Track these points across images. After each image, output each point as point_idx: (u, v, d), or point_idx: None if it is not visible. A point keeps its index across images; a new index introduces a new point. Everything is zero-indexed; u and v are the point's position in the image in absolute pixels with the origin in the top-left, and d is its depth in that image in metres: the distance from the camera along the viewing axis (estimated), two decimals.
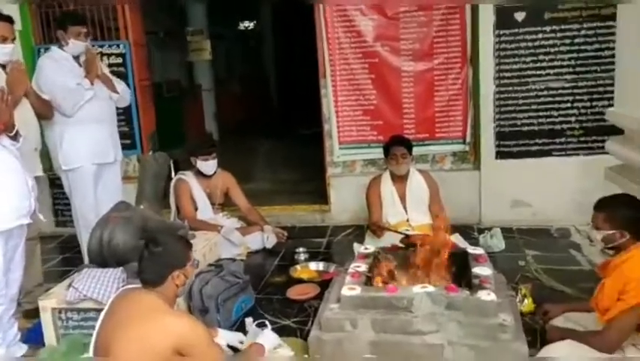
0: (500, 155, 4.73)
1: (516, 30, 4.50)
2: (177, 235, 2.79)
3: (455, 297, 2.82)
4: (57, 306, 2.99)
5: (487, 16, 4.53)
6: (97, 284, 2.91)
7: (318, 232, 4.97)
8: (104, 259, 3.06)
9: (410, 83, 4.84)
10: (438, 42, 4.76)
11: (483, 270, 3.08)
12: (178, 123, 8.96)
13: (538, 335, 3.01)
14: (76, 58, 3.78)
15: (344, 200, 5.06)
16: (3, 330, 2.88)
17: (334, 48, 4.84)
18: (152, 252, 2.35)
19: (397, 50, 4.79)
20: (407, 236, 3.65)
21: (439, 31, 4.73)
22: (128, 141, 5.22)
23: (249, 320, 3.22)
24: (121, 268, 3.01)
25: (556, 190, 4.66)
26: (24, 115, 3.25)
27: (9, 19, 3.20)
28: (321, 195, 5.30)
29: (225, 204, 4.83)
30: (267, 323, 2.85)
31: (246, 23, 13.39)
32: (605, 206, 2.50)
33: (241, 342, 2.86)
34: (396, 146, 4.11)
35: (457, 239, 4.17)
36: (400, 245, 3.51)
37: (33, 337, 3.13)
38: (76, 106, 3.66)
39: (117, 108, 4.92)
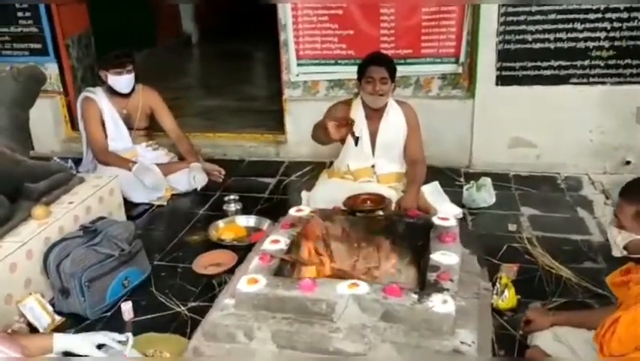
0: (502, 80, 3.65)
1: None
2: None
3: (395, 304, 1.92)
4: None
5: None
6: None
7: (269, 170, 4.02)
8: None
9: None
10: None
11: (446, 256, 2.17)
12: (144, 23, 7.82)
13: (516, 348, 2.17)
14: None
15: (303, 129, 4.01)
16: None
17: None
18: None
19: None
20: (356, 196, 2.67)
21: None
22: (37, 46, 4.23)
23: (126, 307, 2.40)
24: None
25: (570, 128, 3.65)
26: None
27: None
28: (278, 122, 4.31)
29: (153, 128, 3.88)
30: (129, 340, 1.97)
31: None
32: (638, 193, 1.51)
33: (100, 346, 2.00)
34: (375, 66, 3.00)
35: (433, 191, 3.25)
36: (343, 208, 2.56)
37: None
38: None
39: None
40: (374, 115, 3.14)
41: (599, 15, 3.42)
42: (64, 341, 1.93)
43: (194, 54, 9.06)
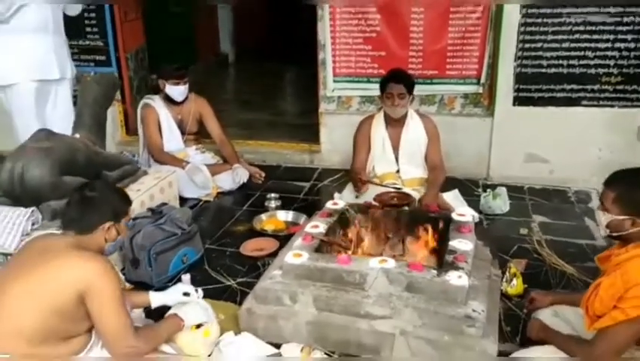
0: (518, 100, 4.02)
1: None
2: (117, 187, 2.31)
3: (418, 277, 2.30)
4: None
5: None
6: (1, 225, 2.49)
7: (303, 175, 4.44)
8: (16, 195, 2.63)
9: (421, 8, 4.09)
10: None
11: (462, 243, 2.54)
12: (187, 41, 8.36)
13: (520, 325, 2.51)
14: None
15: (336, 140, 4.48)
16: None
17: None
18: (85, 196, 2.00)
19: None
20: (385, 193, 3.06)
21: None
22: (102, 58, 4.74)
23: (186, 278, 2.80)
24: (33, 208, 2.58)
25: (580, 146, 3.98)
26: None
27: None
28: (314, 133, 4.73)
29: (203, 134, 4.33)
30: (199, 291, 2.37)
31: None
32: (617, 182, 1.89)
33: (186, 294, 2.33)
34: (394, 83, 3.42)
35: (453, 197, 3.60)
36: (375, 203, 2.95)
37: None
38: (8, 11, 3.14)
39: (85, 20, 4.45)
40: (395, 125, 3.54)
41: (609, 45, 3.78)
42: (159, 297, 2.31)
43: (230, 73, 9.59)
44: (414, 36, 4.17)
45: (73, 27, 4.27)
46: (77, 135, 2.98)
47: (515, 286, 2.73)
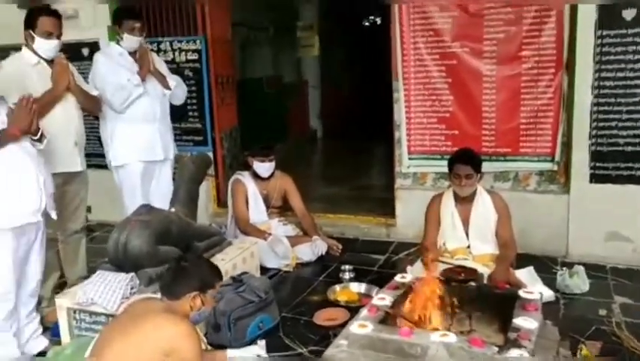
0: (595, 178, 4.00)
1: (623, 31, 3.75)
2: (210, 262, 2.63)
3: (478, 353, 2.36)
4: (71, 306, 3.00)
5: (587, 14, 3.82)
6: (105, 289, 2.86)
7: (379, 248, 4.60)
8: (120, 262, 3.01)
9: (492, 89, 4.26)
10: (528, 43, 4.12)
11: (527, 321, 2.56)
12: (279, 120, 8.97)
13: None
14: (133, 54, 3.79)
15: (411, 215, 4.61)
16: (20, 325, 2.93)
17: (408, 47, 4.41)
18: (179, 266, 2.35)
19: (479, 51, 4.23)
20: (452, 268, 3.16)
21: (531, 30, 4.09)
22: (200, 138, 5.27)
23: (261, 344, 3.00)
24: (132, 274, 2.94)
25: None
26: (67, 109, 3.34)
27: (56, 14, 3.25)
28: (391, 208, 4.91)
29: (285, 208, 4.65)
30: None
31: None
32: None
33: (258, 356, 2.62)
34: (461, 164, 3.55)
35: (527, 274, 3.60)
36: (440, 278, 3.04)
37: (57, 332, 3.17)
38: (125, 102, 3.67)
39: (187, 105, 5.01)
40: (464, 201, 3.64)
41: None
42: (235, 353, 2.61)
43: (318, 148, 10.11)
44: (486, 115, 4.33)
45: (178, 112, 4.87)
46: (173, 209, 3.37)
47: None
